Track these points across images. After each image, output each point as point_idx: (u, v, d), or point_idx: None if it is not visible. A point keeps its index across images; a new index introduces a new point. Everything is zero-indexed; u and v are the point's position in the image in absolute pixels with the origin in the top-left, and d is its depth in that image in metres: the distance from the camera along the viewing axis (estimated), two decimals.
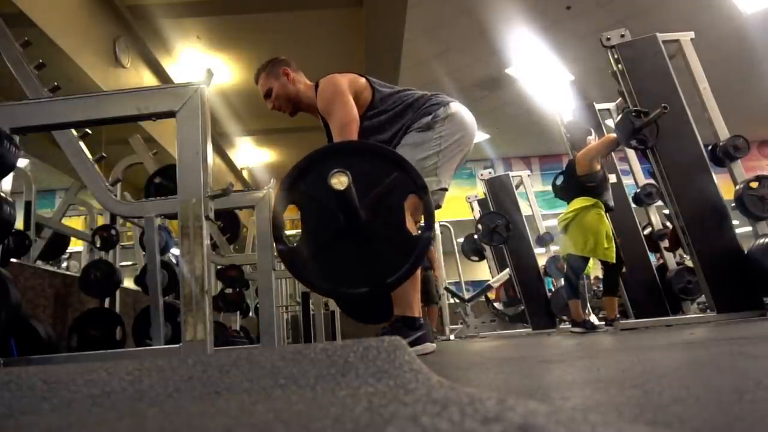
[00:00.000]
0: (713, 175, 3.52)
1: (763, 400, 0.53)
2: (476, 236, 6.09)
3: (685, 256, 4.53)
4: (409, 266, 1.54)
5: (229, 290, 4.28)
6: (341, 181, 1.37)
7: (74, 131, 1.74)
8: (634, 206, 4.92)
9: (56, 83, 2.12)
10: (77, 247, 5.29)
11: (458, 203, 5.95)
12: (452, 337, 5.95)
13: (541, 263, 6.03)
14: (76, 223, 5.05)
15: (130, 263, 4.60)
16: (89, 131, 1.88)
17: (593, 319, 5.12)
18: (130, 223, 4.18)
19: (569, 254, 4.10)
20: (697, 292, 4.36)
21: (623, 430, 0.34)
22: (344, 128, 2.12)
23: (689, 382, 0.74)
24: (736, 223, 3.56)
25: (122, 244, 4.19)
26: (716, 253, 3.42)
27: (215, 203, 1.39)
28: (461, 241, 7.18)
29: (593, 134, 4.29)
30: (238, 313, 4.59)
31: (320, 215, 1.55)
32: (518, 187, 6.54)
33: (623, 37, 3.72)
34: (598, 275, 7.48)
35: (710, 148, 3.65)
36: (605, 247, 3.89)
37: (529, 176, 6.71)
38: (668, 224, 4.79)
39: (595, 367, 1.08)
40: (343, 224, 1.51)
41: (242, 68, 6.01)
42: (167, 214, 1.92)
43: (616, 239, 4.21)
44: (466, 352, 2.61)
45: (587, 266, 4.39)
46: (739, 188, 3.45)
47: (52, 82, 2.11)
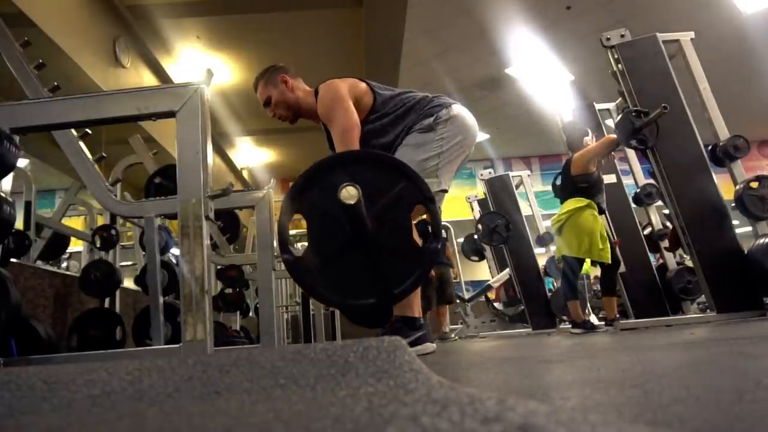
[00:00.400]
0: (713, 175, 3.52)
1: (763, 400, 0.53)
2: (476, 236, 6.09)
3: (685, 256, 4.53)
4: (416, 277, 1.53)
5: (229, 290, 4.28)
6: (351, 194, 1.36)
7: (74, 131, 1.74)
8: (634, 206, 4.91)
9: (56, 83, 2.12)
10: (77, 247, 5.29)
11: (458, 203, 5.95)
12: (453, 336, 5.95)
13: (541, 263, 6.03)
14: (76, 223, 5.05)
15: (130, 263, 4.60)
16: (89, 131, 1.88)
17: (593, 319, 5.11)
18: (130, 223, 4.18)
19: (564, 256, 4.11)
20: (697, 292, 4.36)
21: (623, 430, 0.34)
22: (345, 134, 2.10)
23: (689, 382, 0.74)
24: (736, 223, 3.56)
25: (122, 244, 4.19)
26: (716, 253, 3.42)
27: (215, 203, 1.39)
28: (461, 241, 7.18)
29: (590, 135, 4.28)
30: (238, 313, 4.60)
31: (326, 225, 1.53)
32: (518, 187, 6.55)
33: (623, 37, 3.72)
34: (598, 275, 7.48)
35: (710, 148, 3.65)
36: (600, 247, 3.88)
37: (529, 176, 6.72)
38: (668, 224, 4.79)
39: (595, 367, 1.08)
40: (349, 235, 1.49)
41: (242, 68, 6.01)
42: (167, 214, 1.93)
43: (610, 239, 4.21)
44: (466, 352, 2.61)
45: (584, 267, 4.38)
46: (739, 188, 3.45)
47: (52, 82, 2.10)
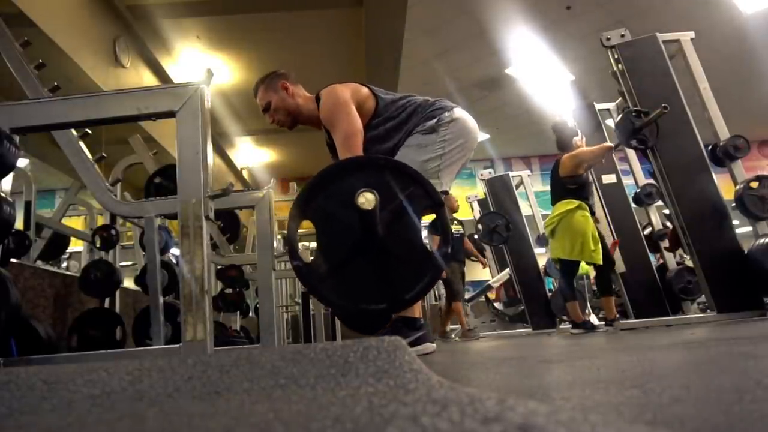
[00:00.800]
0: (713, 175, 3.52)
1: (763, 400, 0.53)
2: (476, 236, 6.09)
3: (685, 256, 4.53)
4: (426, 282, 1.53)
5: (229, 290, 4.27)
6: (368, 200, 1.36)
7: (74, 131, 1.74)
8: (634, 206, 4.91)
9: (56, 83, 2.11)
10: (77, 247, 5.29)
11: (458, 203, 5.98)
12: (453, 336, 5.95)
13: (541, 263, 6.03)
14: (76, 223, 5.04)
15: (130, 263, 4.60)
16: (89, 131, 1.88)
17: (593, 319, 5.11)
18: (130, 223, 4.18)
19: (559, 258, 4.11)
20: (697, 292, 4.35)
21: (623, 430, 0.34)
22: (348, 140, 2.09)
23: (689, 382, 0.74)
24: (736, 223, 3.56)
25: (122, 244, 4.19)
26: (716, 253, 3.42)
27: (215, 203, 1.39)
28: None
29: (580, 135, 4.27)
30: (238, 313, 4.59)
31: (336, 231, 1.53)
32: (518, 187, 6.55)
33: (623, 37, 3.72)
34: None
35: (710, 148, 3.65)
36: (592, 249, 3.89)
37: (529, 176, 6.72)
38: (668, 224, 4.79)
39: (595, 367, 1.08)
40: (359, 240, 1.49)
41: (242, 68, 6.01)
42: (167, 214, 1.92)
43: (603, 239, 4.22)
44: (466, 352, 2.61)
45: (583, 267, 4.38)
46: (739, 188, 3.45)
47: (52, 82, 2.10)
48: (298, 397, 0.56)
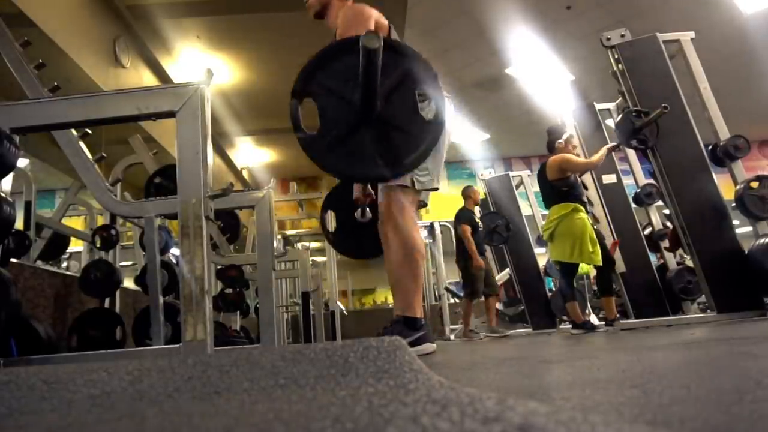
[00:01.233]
0: (713, 175, 3.52)
1: (763, 400, 0.53)
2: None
3: (685, 256, 4.53)
4: (424, 148, 1.59)
5: (229, 290, 4.27)
6: (373, 40, 1.40)
7: (74, 131, 1.74)
8: (634, 206, 4.92)
9: (56, 83, 2.12)
10: (77, 247, 5.28)
11: (458, 203, 5.97)
12: (452, 337, 5.95)
13: (541, 263, 6.03)
14: (76, 223, 5.04)
15: (130, 263, 4.60)
16: (89, 131, 1.88)
17: (593, 319, 5.12)
18: (130, 223, 4.18)
19: (558, 261, 4.13)
20: (697, 292, 4.36)
21: (623, 430, 0.34)
22: None
23: (689, 382, 0.74)
24: (736, 223, 3.56)
25: (122, 244, 4.19)
26: (716, 253, 3.42)
27: (215, 203, 1.39)
28: None
29: (563, 138, 4.28)
30: (238, 313, 4.59)
31: (336, 106, 1.59)
32: (518, 187, 6.54)
33: (623, 37, 3.72)
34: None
35: (710, 148, 3.65)
36: (590, 251, 3.91)
37: (529, 176, 6.71)
38: (668, 224, 4.79)
39: (595, 367, 1.08)
40: (359, 113, 1.55)
41: (242, 68, 6.00)
42: (167, 214, 1.93)
43: (602, 240, 4.23)
44: (466, 351, 2.61)
45: (583, 267, 4.40)
46: (739, 188, 3.45)
47: (52, 82, 2.10)
48: (298, 397, 0.56)
